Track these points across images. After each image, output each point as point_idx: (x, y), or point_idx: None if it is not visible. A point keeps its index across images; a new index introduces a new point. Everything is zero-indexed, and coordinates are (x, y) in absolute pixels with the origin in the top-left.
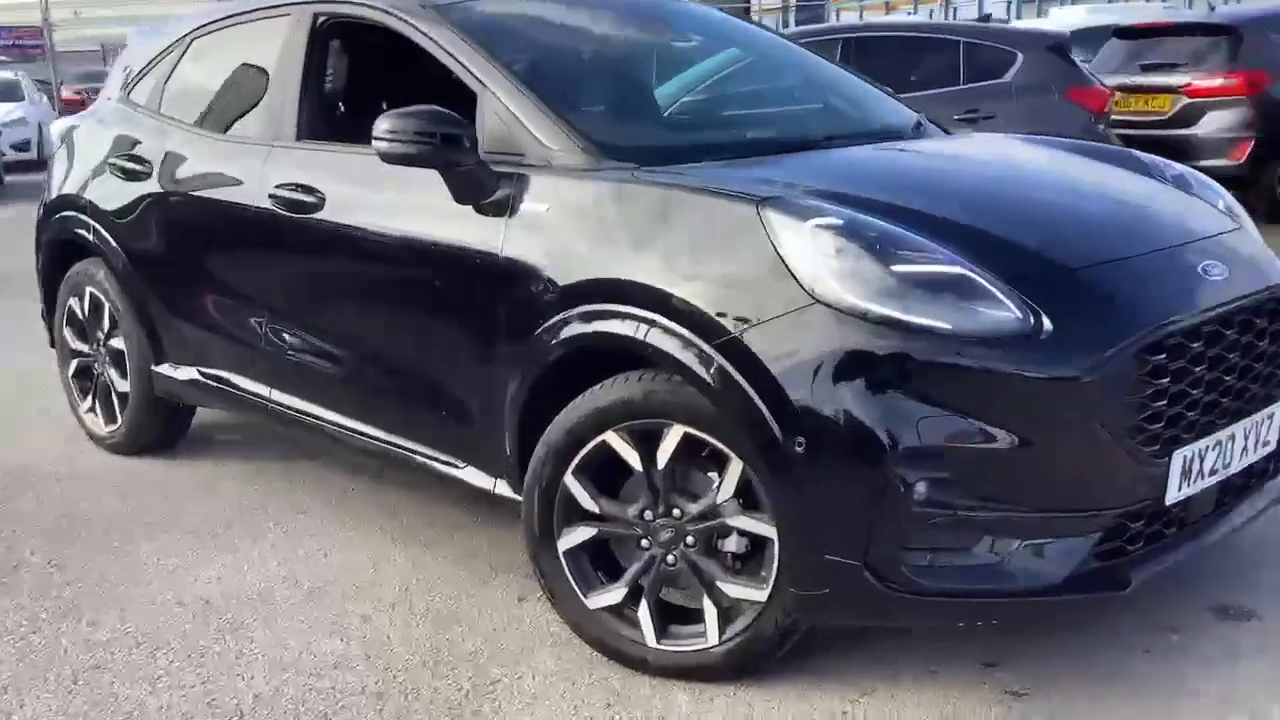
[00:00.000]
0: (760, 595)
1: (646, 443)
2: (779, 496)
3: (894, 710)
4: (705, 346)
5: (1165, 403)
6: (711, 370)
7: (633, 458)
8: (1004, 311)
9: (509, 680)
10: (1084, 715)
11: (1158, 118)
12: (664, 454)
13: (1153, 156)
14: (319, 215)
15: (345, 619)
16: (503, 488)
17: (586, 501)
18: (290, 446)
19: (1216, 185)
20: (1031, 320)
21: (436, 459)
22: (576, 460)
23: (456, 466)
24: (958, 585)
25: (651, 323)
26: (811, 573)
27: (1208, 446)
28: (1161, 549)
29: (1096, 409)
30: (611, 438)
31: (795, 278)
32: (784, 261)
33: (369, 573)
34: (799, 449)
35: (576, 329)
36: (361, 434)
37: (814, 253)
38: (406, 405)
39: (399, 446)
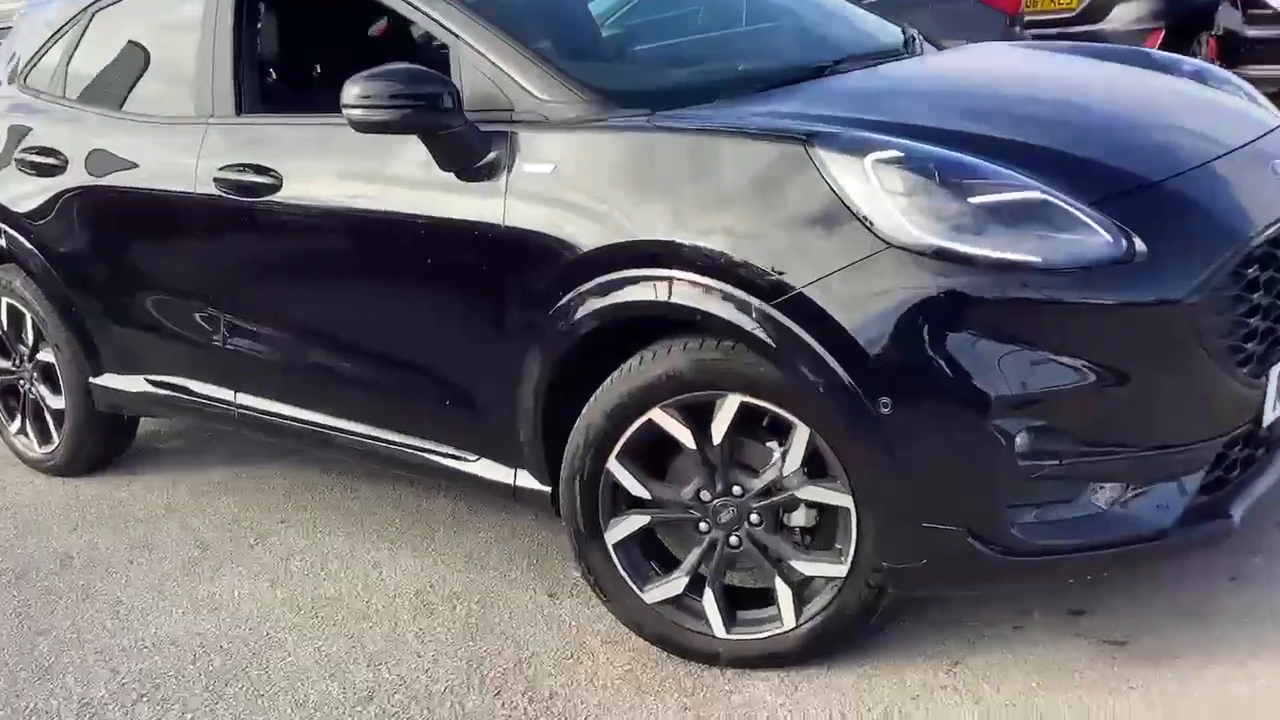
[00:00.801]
0: (839, 570)
1: (697, 418)
2: (862, 464)
3: (997, 674)
4: (765, 307)
5: (1260, 318)
6: (774, 333)
7: (684, 435)
8: (1096, 237)
9: (566, 692)
10: (1189, 654)
11: (1066, 15)
12: (719, 428)
13: (1164, 53)
14: (277, 197)
15: (364, 641)
16: (525, 479)
17: (635, 488)
18: (249, 451)
19: (1232, 75)
20: (1124, 244)
21: (440, 454)
22: (620, 444)
23: (465, 460)
24: (1066, 540)
25: (700, 286)
26: (906, 543)
27: None
28: (1256, 474)
29: (1199, 333)
30: (659, 416)
31: (861, 221)
32: (845, 204)
33: (376, 585)
34: (885, 410)
35: (606, 300)
36: (349, 433)
37: (879, 191)
38: (402, 398)
39: (394, 444)
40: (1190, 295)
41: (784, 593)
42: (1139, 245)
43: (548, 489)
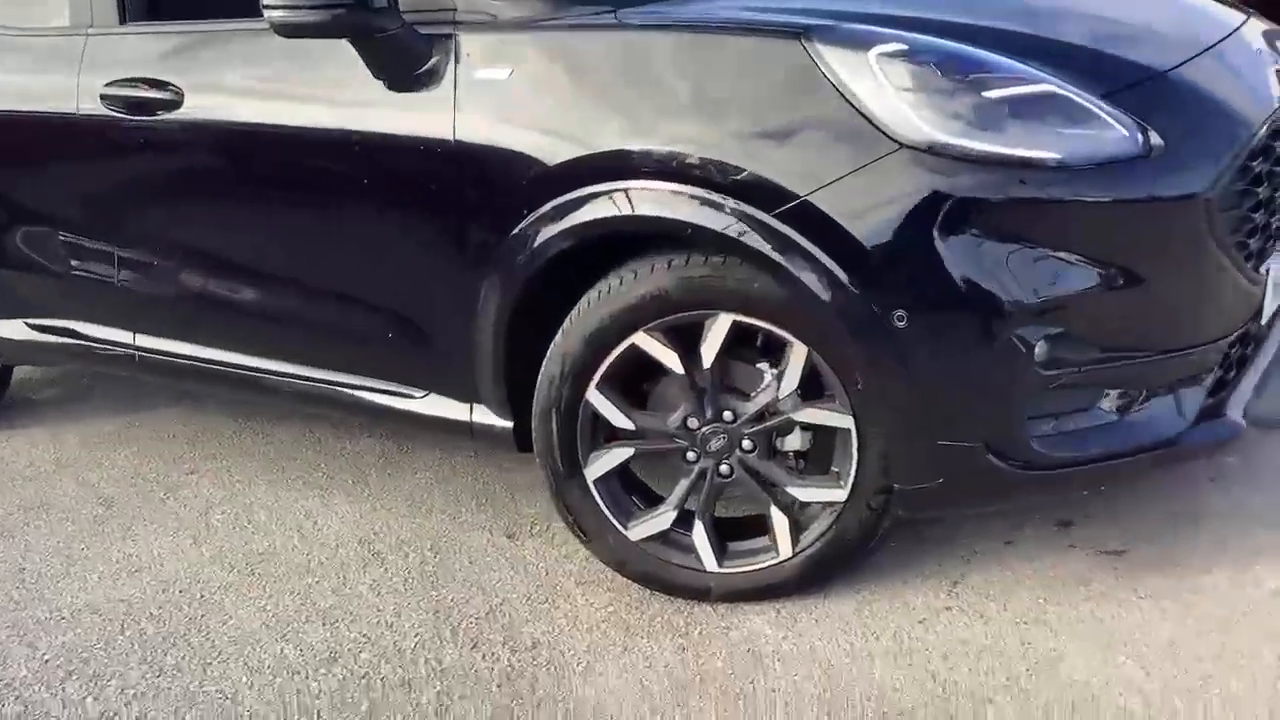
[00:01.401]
0: (838, 494)
1: (683, 340)
2: (873, 382)
3: (1000, 591)
4: (765, 218)
5: (1262, 212)
6: (775, 245)
7: (671, 359)
8: (1112, 131)
9: (549, 639)
10: (1189, 559)
11: None
12: (709, 350)
13: None
14: (179, 115)
15: (313, 597)
16: (483, 414)
17: (618, 418)
18: (138, 398)
19: None
20: (1140, 138)
21: (381, 391)
22: (601, 372)
23: (410, 397)
24: (1084, 452)
25: (689, 198)
26: (921, 463)
27: None
28: (1245, 371)
29: (1212, 228)
30: (643, 340)
31: (868, 120)
32: (850, 102)
33: (313, 536)
34: (899, 324)
35: (578, 217)
36: (277, 374)
37: (886, 87)
38: (338, 333)
39: (329, 383)
40: (1209, 189)
41: (780, 521)
42: (1155, 139)
43: (509, 424)
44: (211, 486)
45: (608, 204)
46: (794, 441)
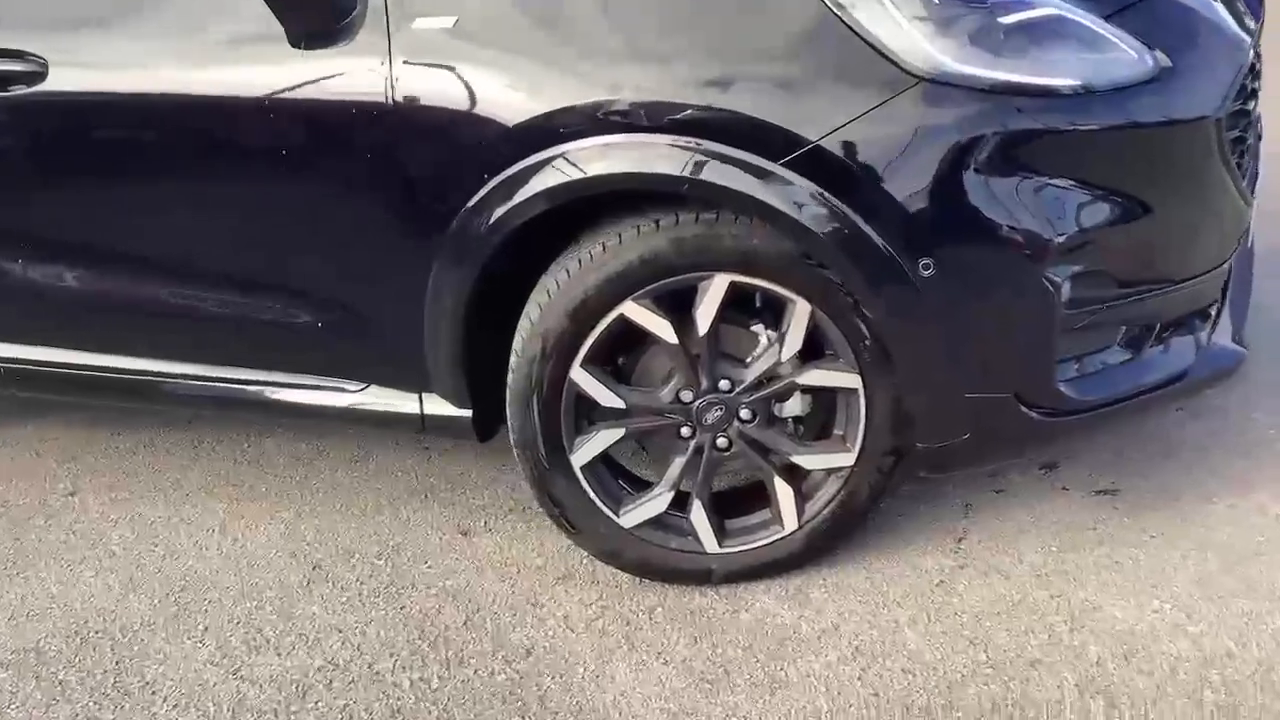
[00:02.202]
0: (846, 459)
1: (672, 307)
2: (898, 336)
3: (1007, 543)
4: (772, 167)
5: (1245, 131)
6: (784, 197)
7: (663, 328)
8: (1124, 54)
9: (546, 644)
10: (1184, 491)
11: None
12: (705, 316)
13: None
14: (44, 88)
15: (257, 624)
16: (436, 404)
17: (606, 396)
18: (25, 410)
19: None
20: (1150, 60)
21: (306, 386)
22: (586, 347)
23: (345, 391)
24: (1110, 393)
25: (684, 150)
26: (947, 419)
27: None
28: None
29: (1219, 149)
30: (632, 309)
31: (882, 53)
32: (859, 34)
33: (238, 555)
34: (926, 273)
35: (554, 179)
36: (179, 378)
37: (898, 16)
38: (254, 327)
39: (242, 383)
40: (1218, 109)
41: (784, 492)
42: (1163, 59)
43: (468, 413)
44: (100, 507)
45: (591, 162)
46: (794, 407)
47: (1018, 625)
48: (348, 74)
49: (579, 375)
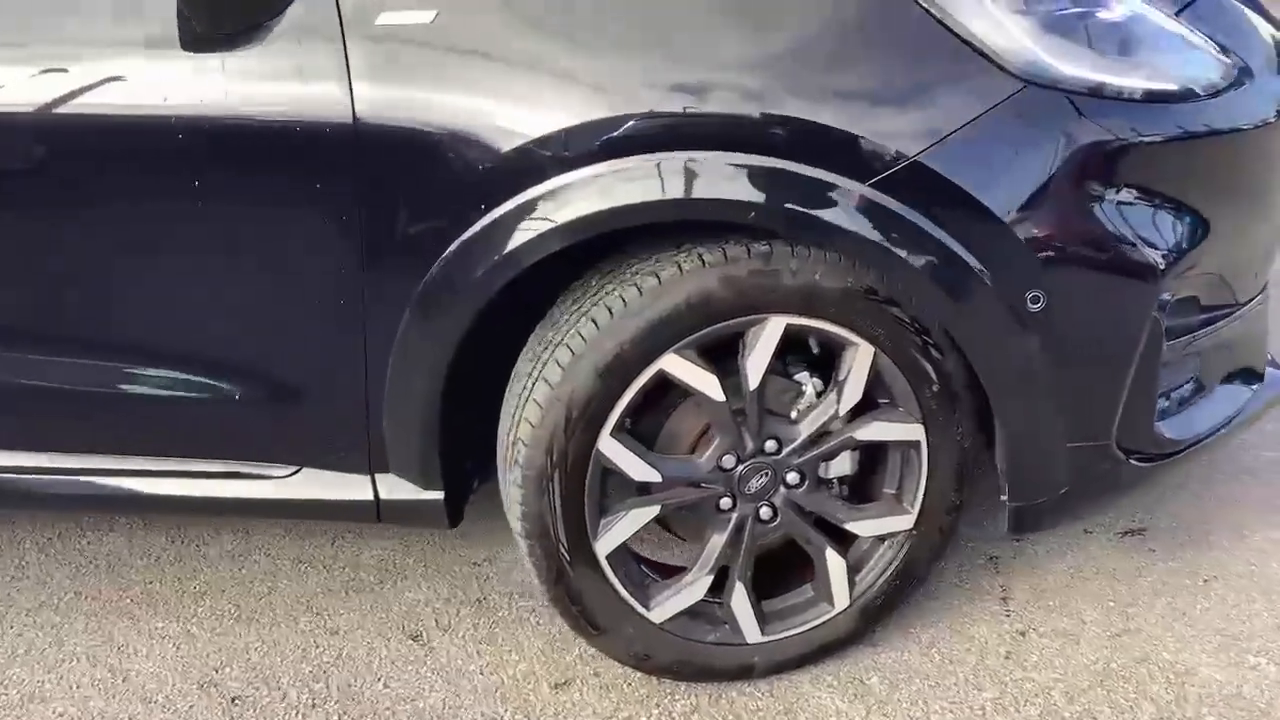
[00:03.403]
0: (905, 522)
1: (714, 359)
2: (998, 381)
3: (1059, 601)
4: (859, 189)
5: None
6: (873, 222)
7: (709, 384)
8: (1209, 58)
9: None
10: (1209, 523)
11: None
12: (756, 367)
13: None
14: None
15: None
16: (396, 487)
17: (639, 469)
18: None
19: None
20: (1230, 61)
21: (214, 475)
22: (620, 411)
23: (267, 478)
24: (1192, 432)
25: (753, 171)
26: (1047, 472)
27: None
28: None
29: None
30: (673, 363)
31: (982, 53)
32: (955, 32)
33: (118, 687)
34: (1034, 306)
35: (581, 206)
36: (27, 472)
37: (999, 13)
38: (137, 404)
39: (125, 473)
40: None
41: (836, 566)
42: (1238, 61)
43: (438, 495)
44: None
45: (631, 186)
46: (842, 466)
47: (1119, 700)
48: (289, 83)
49: (609, 446)
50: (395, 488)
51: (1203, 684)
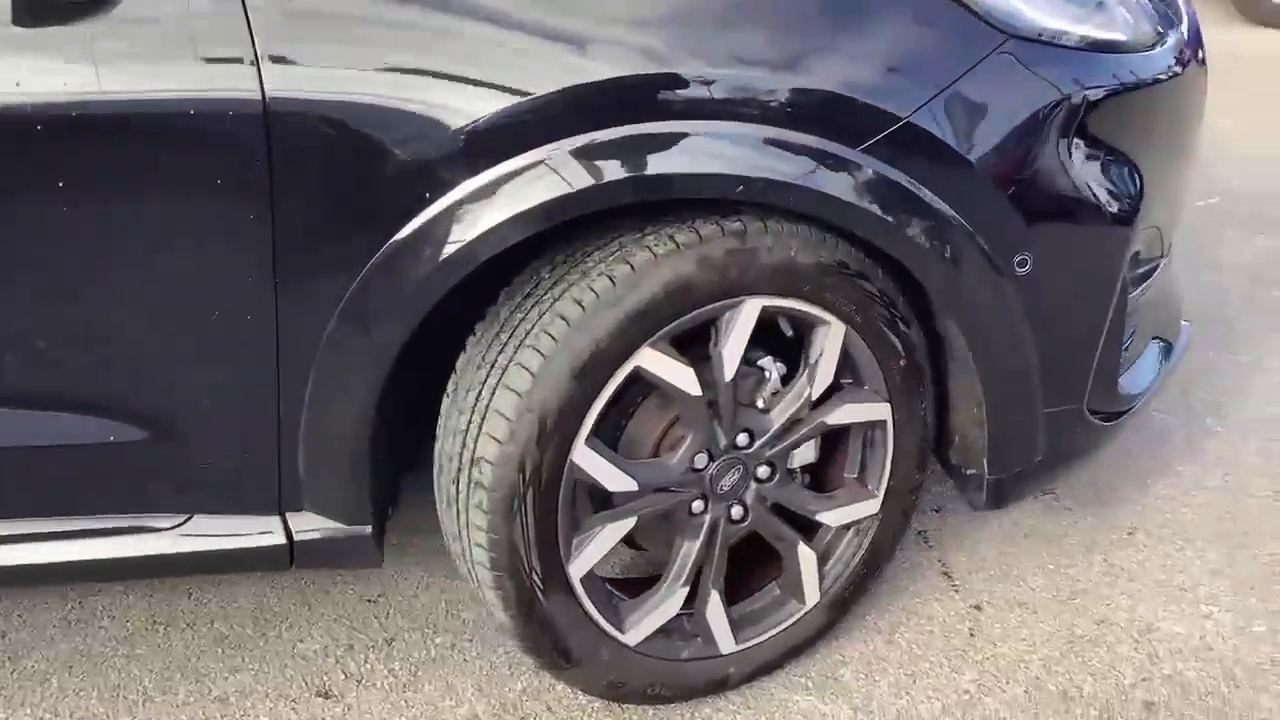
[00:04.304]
0: (871, 507)
1: (686, 350)
2: (981, 350)
3: (999, 571)
4: (850, 154)
5: None
6: (868, 190)
7: (685, 378)
8: (1148, 11)
9: None
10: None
11: None
12: (732, 355)
13: None
14: None
15: None
16: (313, 525)
17: (615, 478)
18: None
19: None
20: (1157, 14)
21: (100, 533)
22: (594, 416)
23: (153, 530)
24: (1141, 388)
25: (737, 141)
26: (1023, 441)
27: None
28: None
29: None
30: (650, 357)
31: (967, 5)
32: None
33: None
34: (1021, 270)
35: (548, 189)
36: None
37: None
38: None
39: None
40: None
41: (808, 561)
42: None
43: (365, 529)
44: None
45: (606, 163)
46: (806, 454)
47: (1096, 664)
48: (182, 60)
49: (584, 456)
50: (311, 526)
51: (1167, 639)
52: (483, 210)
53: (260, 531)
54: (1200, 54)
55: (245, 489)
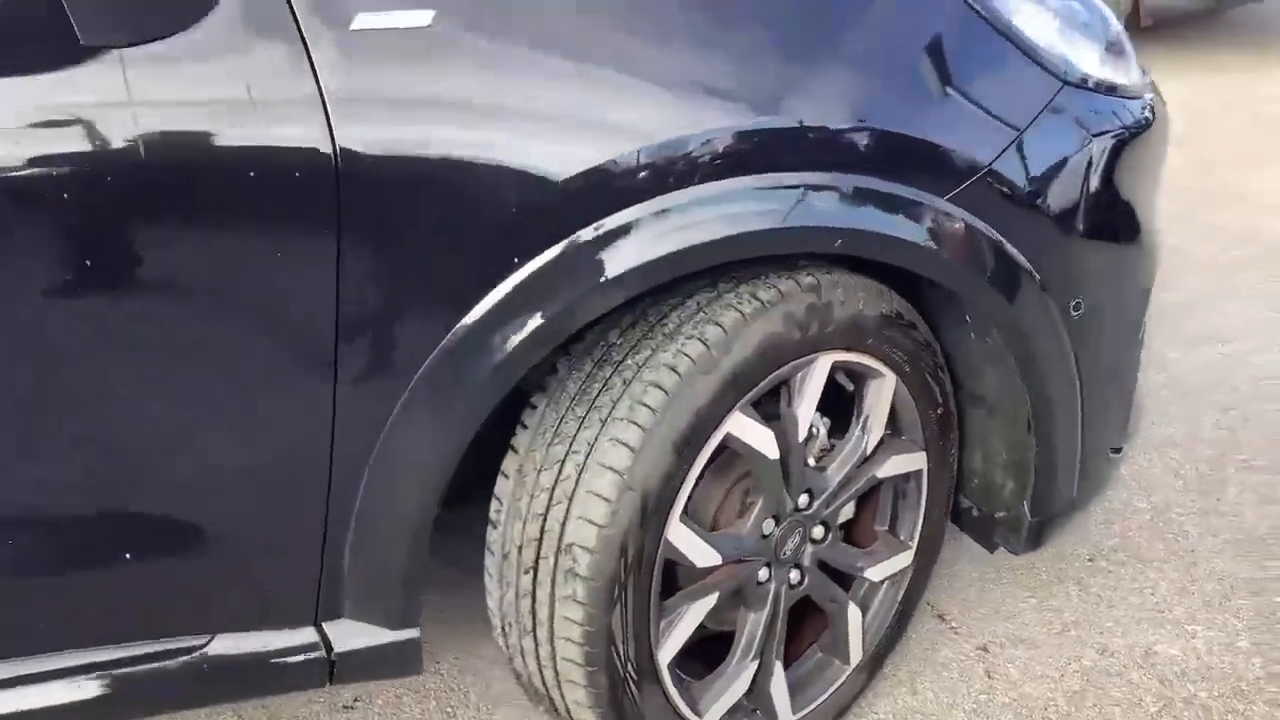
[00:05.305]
0: (908, 558)
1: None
2: (1041, 396)
3: (986, 610)
4: (938, 203)
5: None
6: (953, 236)
7: (766, 441)
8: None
9: None
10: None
11: None
12: (805, 413)
13: None
14: None
15: None
16: (352, 634)
17: (704, 553)
18: None
19: None
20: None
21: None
22: (687, 490)
23: (174, 653)
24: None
25: (833, 192)
26: (1063, 483)
27: None
28: None
29: None
30: (740, 422)
31: (1029, 54)
32: (1003, 32)
33: None
34: (1076, 313)
35: (651, 248)
36: None
37: (1033, 10)
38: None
39: None
40: None
41: (855, 620)
42: None
43: (415, 633)
44: None
45: (705, 222)
46: (847, 511)
47: (1117, 695)
48: (232, 108)
49: (678, 533)
50: (353, 635)
51: (1167, 662)
52: (579, 271)
53: (294, 646)
54: None
55: (278, 599)
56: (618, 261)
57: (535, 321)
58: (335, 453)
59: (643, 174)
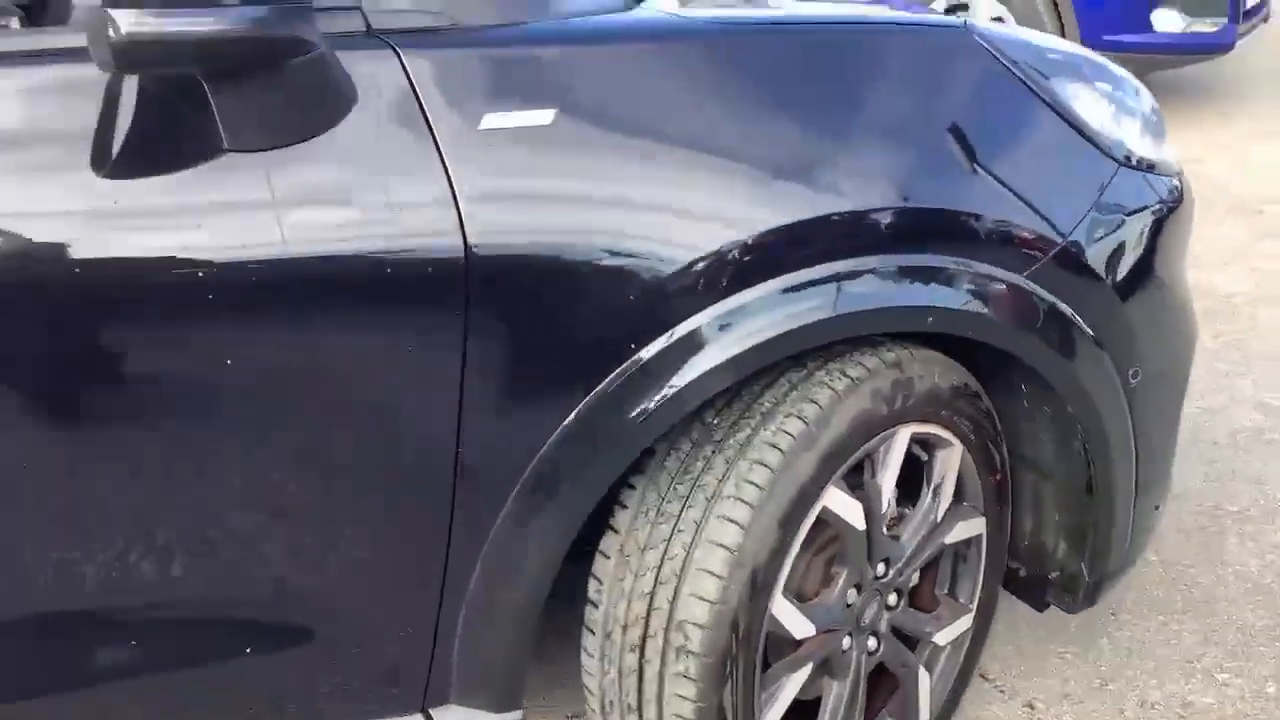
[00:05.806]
0: (968, 621)
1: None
2: (1100, 458)
3: (1027, 664)
4: (1016, 280)
5: None
6: (1033, 312)
7: (857, 514)
8: None
9: None
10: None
11: None
12: (889, 484)
13: None
14: None
15: None
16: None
17: (800, 625)
18: None
19: None
20: None
21: None
22: (789, 564)
23: None
24: None
25: (920, 273)
26: (1119, 542)
27: None
28: None
29: None
30: (834, 496)
31: (1085, 135)
32: (1063, 116)
33: None
34: (1134, 380)
35: (763, 331)
36: None
37: (1099, 97)
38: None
39: None
40: None
41: (924, 684)
42: None
43: (518, 715)
44: None
45: (815, 300)
46: (914, 577)
47: None
48: (370, 204)
49: (780, 606)
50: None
51: (1204, 712)
52: (691, 356)
53: None
54: None
55: (390, 688)
56: (737, 343)
57: (649, 406)
58: (452, 545)
59: (757, 259)
